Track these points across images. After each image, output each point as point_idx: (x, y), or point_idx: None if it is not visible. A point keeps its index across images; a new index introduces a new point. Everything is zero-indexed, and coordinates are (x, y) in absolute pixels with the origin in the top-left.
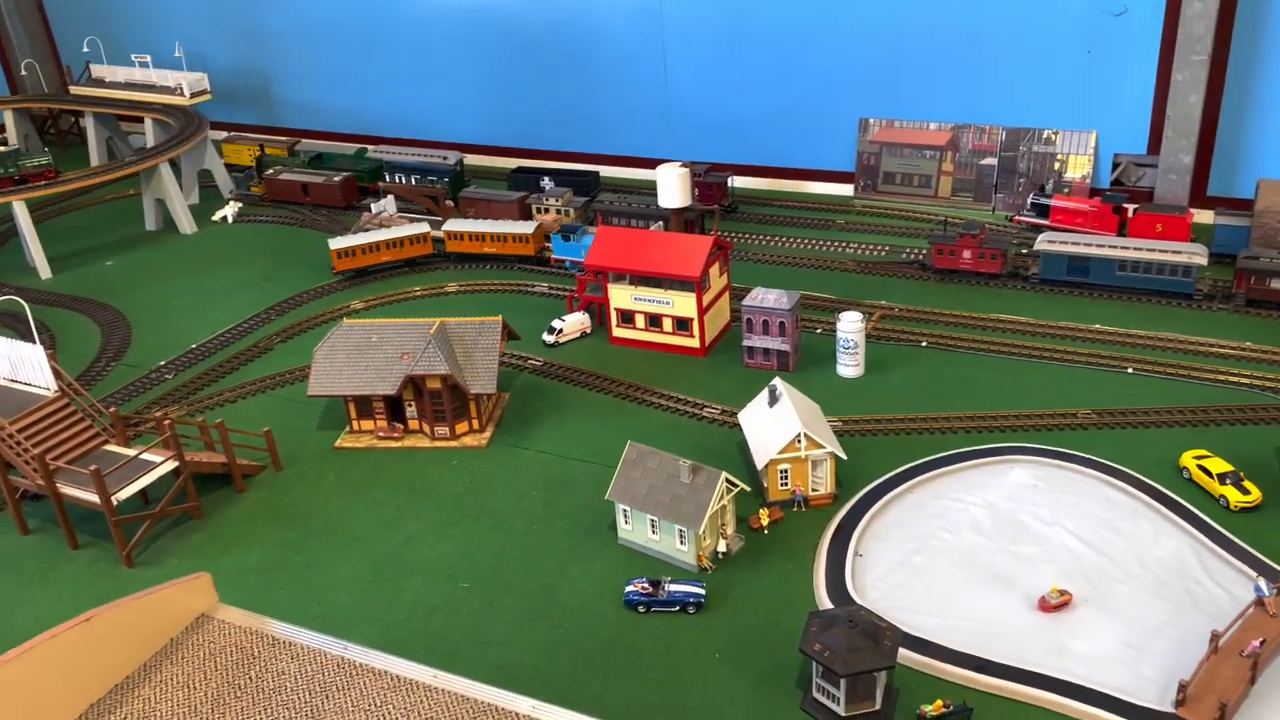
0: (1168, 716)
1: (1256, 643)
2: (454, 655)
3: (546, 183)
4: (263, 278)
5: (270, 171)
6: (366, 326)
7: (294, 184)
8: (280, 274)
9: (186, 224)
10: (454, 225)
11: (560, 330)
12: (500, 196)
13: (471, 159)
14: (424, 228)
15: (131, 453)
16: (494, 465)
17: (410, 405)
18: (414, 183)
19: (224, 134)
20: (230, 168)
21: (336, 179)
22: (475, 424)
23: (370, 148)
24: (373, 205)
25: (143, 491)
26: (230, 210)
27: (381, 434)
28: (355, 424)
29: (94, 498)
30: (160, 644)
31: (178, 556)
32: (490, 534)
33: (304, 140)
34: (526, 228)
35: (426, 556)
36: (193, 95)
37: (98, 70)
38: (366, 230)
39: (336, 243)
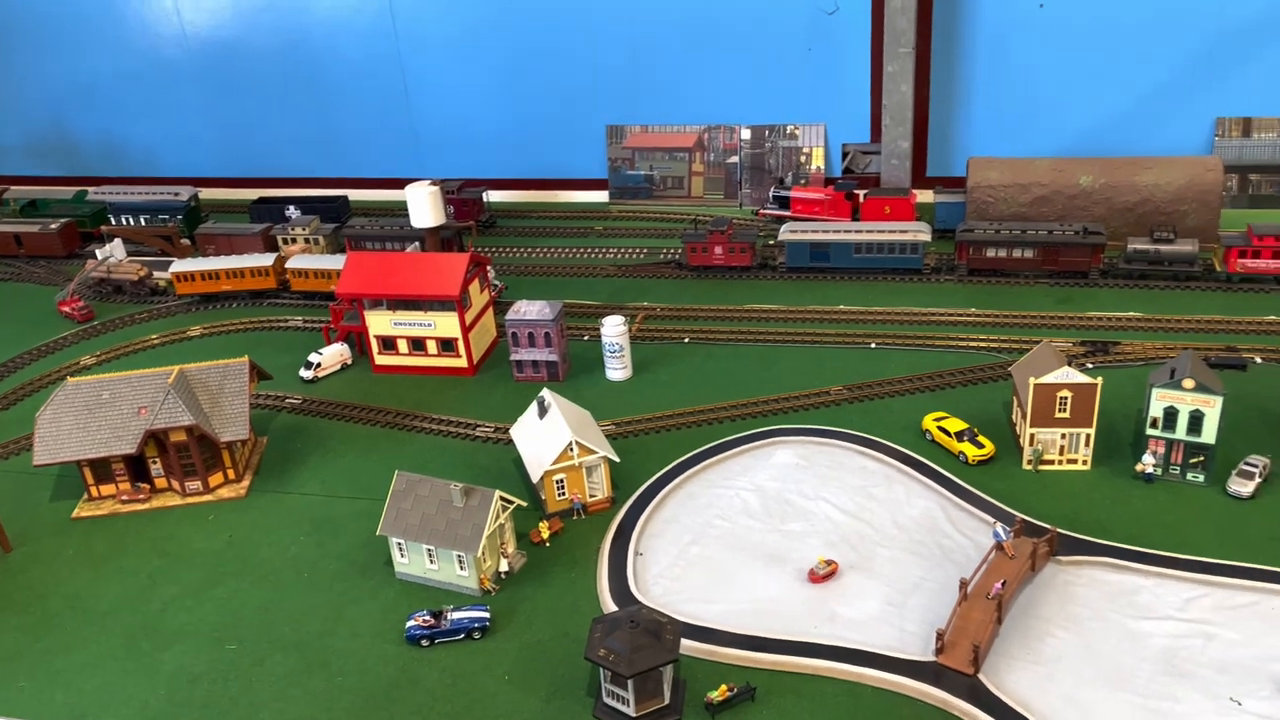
0: (930, 666)
1: (999, 584)
2: None
3: (292, 211)
4: None
5: None
6: (95, 384)
7: (5, 235)
8: None
9: None
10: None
11: (318, 364)
12: (242, 230)
13: (208, 193)
14: (268, 259)
15: None
16: (255, 515)
17: (155, 462)
18: (144, 223)
19: None
20: None
21: (54, 226)
22: (231, 474)
23: (91, 189)
24: (98, 251)
25: None
26: None
27: (125, 497)
28: (94, 490)
29: None
30: None
31: None
32: (256, 589)
33: (13, 188)
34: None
35: (187, 622)
36: None
37: None
38: (91, 278)
39: (176, 266)
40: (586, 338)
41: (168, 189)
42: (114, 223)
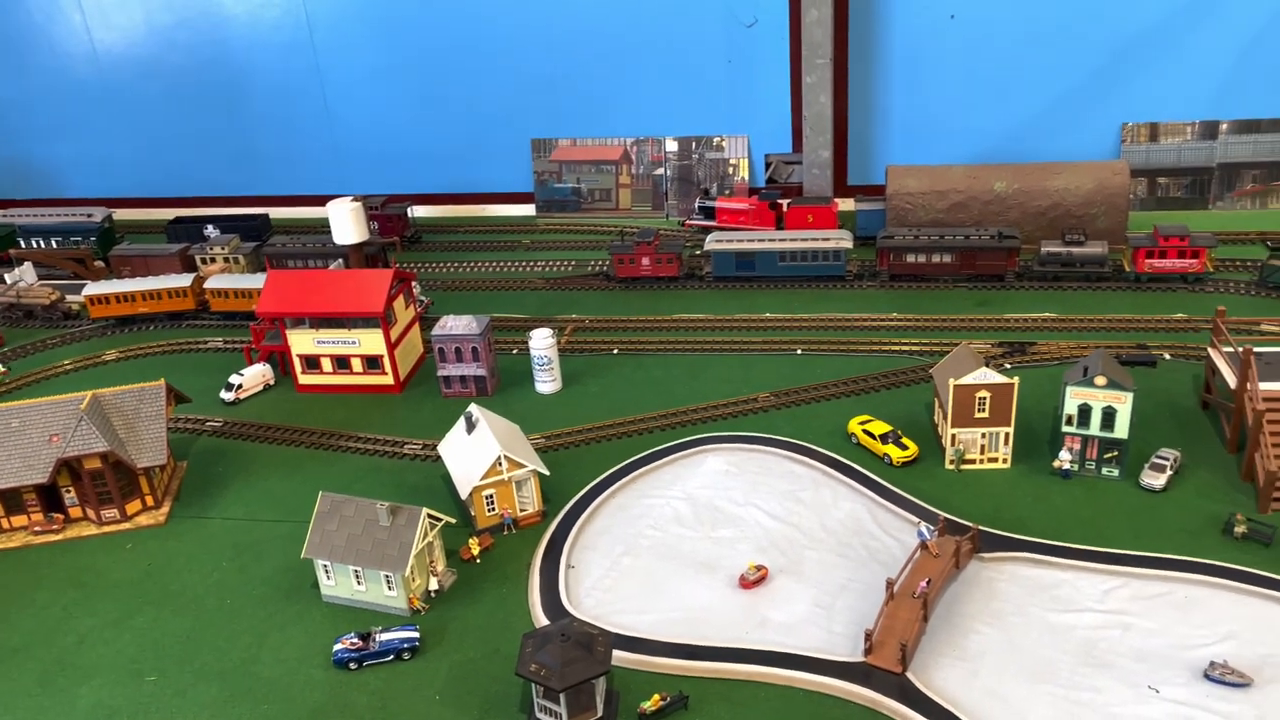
0: (859, 666)
1: (924, 583)
2: None
3: (211, 230)
4: None
5: None
6: (4, 411)
7: None
8: None
9: None
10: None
11: (240, 385)
12: (158, 251)
13: (123, 214)
14: (186, 280)
15: None
16: (176, 542)
17: (69, 491)
18: (55, 245)
19: None
20: None
21: None
22: (149, 500)
23: None
24: (6, 276)
25: None
26: None
27: (38, 528)
28: (4, 522)
29: None
30: None
31: None
32: (178, 618)
33: None
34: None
35: (104, 654)
36: None
37: None
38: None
39: (90, 289)
40: (515, 351)
41: (80, 210)
42: (24, 246)
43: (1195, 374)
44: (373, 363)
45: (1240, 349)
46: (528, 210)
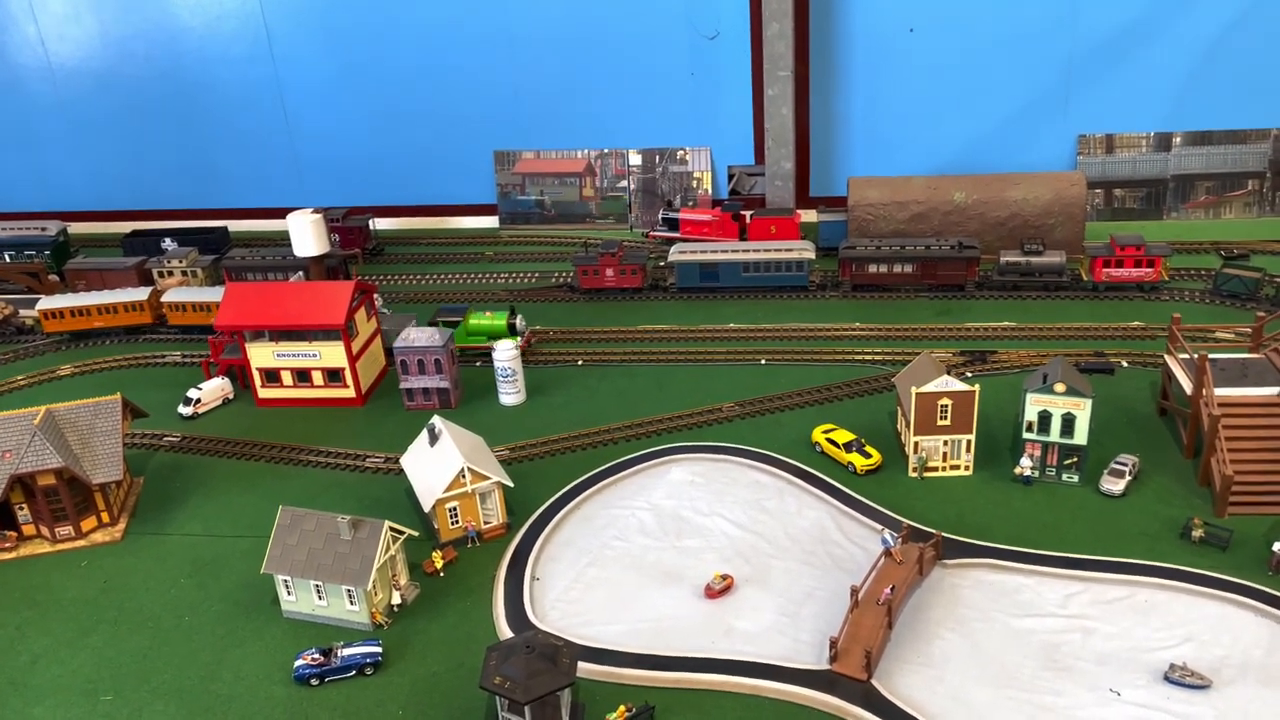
0: (824, 674)
1: (887, 590)
2: None
3: (169, 244)
4: None
5: None
6: None
7: None
8: None
9: None
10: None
11: (198, 400)
12: (115, 264)
13: (79, 227)
14: (143, 293)
15: None
16: (132, 559)
17: (22, 508)
18: (8, 259)
19: None
20: None
21: None
22: (105, 517)
23: None
24: None
25: None
26: None
27: None
28: None
29: None
30: None
31: None
32: (134, 635)
33: None
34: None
35: (59, 674)
36: None
37: None
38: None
39: (44, 303)
40: (479, 363)
41: (34, 224)
42: None
43: (1152, 381)
44: (334, 375)
45: (1195, 355)
46: (491, 222)
